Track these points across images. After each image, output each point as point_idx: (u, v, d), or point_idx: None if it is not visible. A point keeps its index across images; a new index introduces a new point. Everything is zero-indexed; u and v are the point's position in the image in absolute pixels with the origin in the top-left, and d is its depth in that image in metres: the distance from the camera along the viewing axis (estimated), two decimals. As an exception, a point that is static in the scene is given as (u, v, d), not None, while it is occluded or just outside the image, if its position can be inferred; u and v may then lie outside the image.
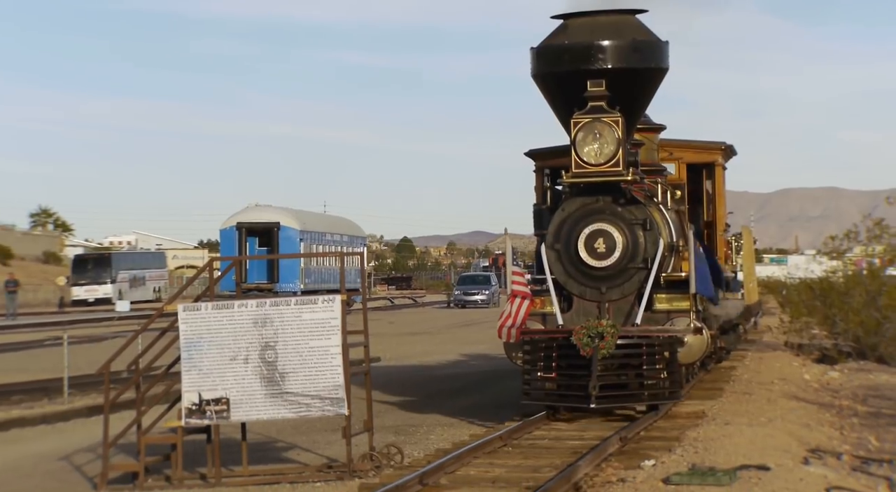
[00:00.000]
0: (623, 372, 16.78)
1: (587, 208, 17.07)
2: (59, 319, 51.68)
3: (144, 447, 14.01)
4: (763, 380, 22.14)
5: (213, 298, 14.68)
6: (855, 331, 29.18)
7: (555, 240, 17.14)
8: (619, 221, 16.85)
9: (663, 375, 16.42)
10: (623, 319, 16.76)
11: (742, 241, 28.61)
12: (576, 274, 17.03)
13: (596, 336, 15.97)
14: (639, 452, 13.93)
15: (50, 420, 20.27)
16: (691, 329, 16.62)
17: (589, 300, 17.01)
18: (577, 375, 16.28)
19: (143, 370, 14.73)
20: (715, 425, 15.79)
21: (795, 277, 54.05)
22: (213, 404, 13.69)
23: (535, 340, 16.73)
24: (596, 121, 16.53)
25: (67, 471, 15.13)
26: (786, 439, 14.64)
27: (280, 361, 13.66)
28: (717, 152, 23.55)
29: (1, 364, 26.56)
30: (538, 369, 16.60)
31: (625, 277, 16.93)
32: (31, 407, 21.63)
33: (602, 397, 15.96)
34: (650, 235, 16.90)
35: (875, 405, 19.34)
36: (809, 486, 11.64)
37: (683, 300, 16.90)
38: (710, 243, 22.66)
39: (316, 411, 13.73)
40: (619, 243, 16.72)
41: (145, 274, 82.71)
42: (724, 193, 24.04)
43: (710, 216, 23.50)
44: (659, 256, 16.81)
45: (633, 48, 16.73)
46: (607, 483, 12.17)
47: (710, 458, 12.97)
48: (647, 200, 17.56)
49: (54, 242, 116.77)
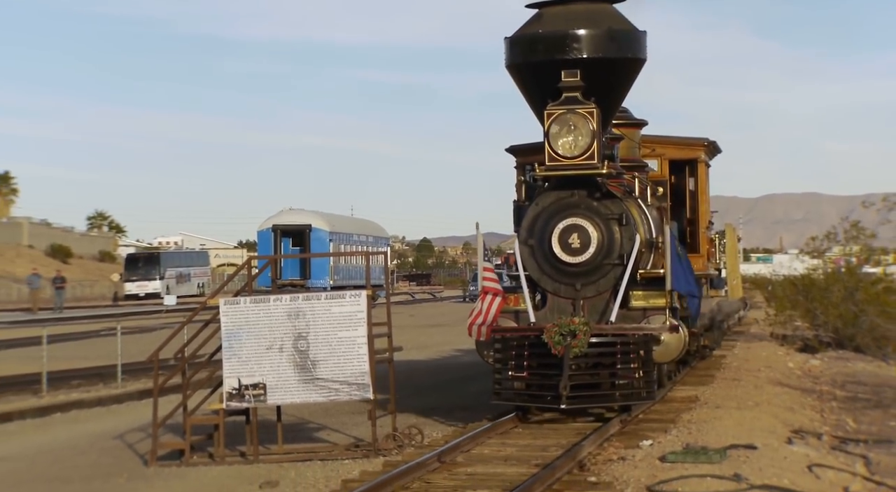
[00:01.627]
0: (596, 371, 14.92)
1: (562, 203, 15.22)
2: (113, 312, 51.82)
3: (190, 427, 14.05)
4: (750, 368, 22.08)
5: (250, 293, 14.72)
6: (834, 323, 29.23)
7: (528, 235, 15.32)
8: (595, 215, 15.04)
9: (638, 374, 14.54)
10: (598, 316, 14.93)
11: (726, 239, 26.33)
12: (550, 270, 15.21)
13: (568, 334, 14.15)
14: (637, 433, 13.89)
15: (105, 403, 20.38)
16: (667, 327, 14.74)
17: (563, 297, 15.18)
18: (548, 374, 14.40)
19: (188, 358, 14.79)
20: (707, 408, 15.75)
21: (780, 274, 53.98)
22: (252, 388, 13.72)
23: (505, 338, 14.89)
24: (570, 112, 14.71)
25: (121, 448, 15.18)
26: (771, 421, 14.61)
27: (311, 350, 13.68)
28: (699, 149, 21.20)
29: (62, 352, 26.63)
30: (509, 369, 14.77)
31: (600, 274, 15.09)
32: (88, 391, 21.76)
33: (573, 397, 14.18)
34: (626, 230, 15.05)
35: (852, 390, 19.32)
36: (793, 464, 11.60)
37: (660, 297, 15.00)
38: (693, 241, 20.73)
39: (344, 395, 13.75)
40: (593, 239, 14.94)
41: (190, 271, 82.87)
42: (707, 189, 21.61)
43: (692, 213, 21.11)
44: (635, 252, 14.95)
45: (610, 37, 14.83)
46: (609, 461, 12.15)
47: (703, 438, 12.94)
48: (625, 194, 15.80)
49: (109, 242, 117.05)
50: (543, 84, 14.95)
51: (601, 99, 14.85)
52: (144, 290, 75.53)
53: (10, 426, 18.06)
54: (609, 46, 14.83)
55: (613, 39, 14.83)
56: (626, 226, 15.04)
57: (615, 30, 14.89)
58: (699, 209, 21.06)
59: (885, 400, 17.85)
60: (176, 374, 14.95)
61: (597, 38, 14.77)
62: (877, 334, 27.54)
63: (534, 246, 15.25)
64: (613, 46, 14.86)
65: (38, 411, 19.23)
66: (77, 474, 13.39)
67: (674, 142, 20.98)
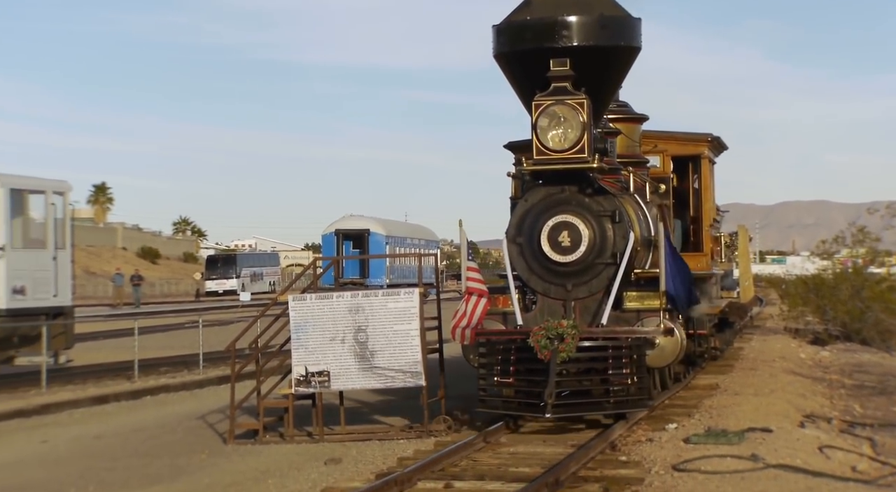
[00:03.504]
0: (586, 377, 12.69)
1: (551, 199, 12.94)
2: (195, 307, 52.14)
3: (263, 410, 14.08)
4: (766, 358, 21.91)
5: (316, 291, 14.74)
6: (842, 318, 29.11)
7: (517, 233, 13.06)
8: (586, 212, 12.76)
9: (630, 380, 12.37)
10: (590, 318, 12.76)
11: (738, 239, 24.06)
12: (539, 270, 12.94)
13: (555, 338, 12.07)
14: (664, 417, 13.75)
15: (189, 387, 20.46)
16: (661, 330, 12.49)
17: (554, 298, 12.93)
18: (535, 380, 12.26)
19: (261, 348, 14.83)
20: (726, 395, 15.61)
21: (793, 274, 53.48)
22: (317, 375, 13.72)
23: (491, 342, 12.76)
24: (559, 103, 12.43)
25: (202, 428, 15.24)
26: (785, 407, 14.45)
27: (370, 341, 13.66)
28: (703, 144, 18.48)
29: (151, 343, 26.85)
30: (494, 374, 12.67)
31: (592, 274, 12.81)
32: (174, 377, 21.89)
33: (560, 405, 12.10)
34: (620, 227, 12.76)
35: (859, 379, 19.12)
36: (805, 445, 11.46)
37: (656, 299, 12.77)
38: (696, 239, 18.27)
39: (399, 382, 13.72)
40: (585, 237, 12.65)
41: (263, 271, 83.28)
42: (711, 186, 18.97)
43: (696, 211, 18.51)
44: (629, 250, 12.73)
45: (601, 25, 12.52)
46: (638, 442, 12.06)
47: (723, 422, 12.82)
48: (621, 191, 13.65)
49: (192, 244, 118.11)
50: (532, 74, 12.74)
51: (592, 89, 12.64)
52: (223, 287, 75.97)
53: (108, 407, 18.22)
54: (601, 34, 12.58)
55: (605, 26, 12.58)
56: (620, 223, 12.82)
57: (607, 16, 12.65)
58: (703, 207, 18.56)
59: (889, 388, 17.66)
60: (250, 362, 15.00)
61: (588, 25, 12.53)
62: (881, 328, 27.43)
63: (522, 244, 13.07)
64: (605, 34, 12.61)
65: (130, 395, 19.38)
66: (165, 450, 13.46)
67: (676, 138, 18.50)
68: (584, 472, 10.52)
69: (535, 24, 12.57)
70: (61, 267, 22.40)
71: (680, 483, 9.85)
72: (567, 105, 12.48)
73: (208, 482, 11.28)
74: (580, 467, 10.58)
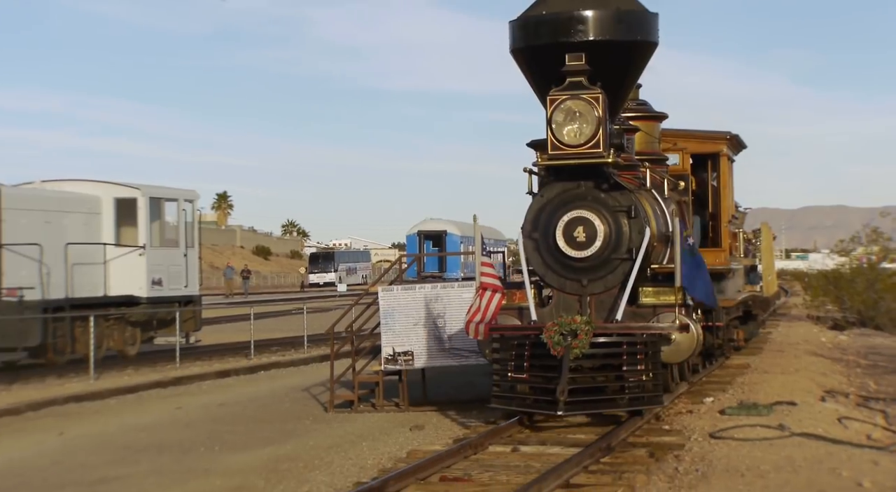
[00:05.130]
0: (600, 373, 10.78)
1: (567, 194, 11.15)
2: (300, 296, 52.67)
3: (357, 384, 14.14)
4: (791, 342, 21.51)
5: (401, 283, 14.78)
6: (858, 307, 28.81)
7: (532, 228, 11.29)
8: (602, 207, 10.98)
9: (645, 376, 10.48)
10: (605, 314, 10.91)
11: (761, 237, 21.72)
12: (555, 265, 11.14)
13: (569, 334, 10.23)
14: (702, 392, 13.51)
15: (295, 364, 20.61)
16: (676, 326, 10.63)
17: (569, 294, 11.12)
18: (549, 376, 10.32)
19: (355, 332, 14.93)
20: (756, 373, 15.32)
21: (814, 269, 52.52)
22: (403, 355, 13.74)
23: (505, 338, 10.83)
24: (574, 98, 10.57)
25: (307, 398, 15.33)
26: (808, 384, 14.14)
27: (447, 326, 13.63)
28: (722, 142, 16.41)
29: (265, 326, 27.18)
30: (508, 369, 10.69)
31: (608, 269, 10.99)
32: (283, 355, 22.08)
33: (573, 402, 10.22)
34: (636, 223, 10.93)
35: (873, 360, 18.69)
36: (825, 416, 11.20)
37: (672, 294, 10.88)
38: (715, 235, 16.33)
39: (472, 360, 13.66)
40: (600, 232, 10.87)
41: (356, 266, 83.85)
42: (730, 184, 16.83)
43: (714, 208, 16.50)
44: (645, 245, 10.87)
45: (617, 19, 10.65)
46: (679, 414, 11.87)
47: (754, 396, 12.58)
48: (638, 186, 11.76)
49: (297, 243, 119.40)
50: (548, 69, 10.89)
51: (608, 84, 10.79)
52: (323, 280, 76.64)
53: (229, 380, 18.45)
54: (617, 28, 10.72)
55: (621, 21, 10.71)
56: (636, 219, 10.98)
57: (623, 11, 10.76)
58: (721, 204, 16.50)
59: (900, 367, 17.22)
60: (346, 343, 15.08)
61: (603, 19, 10.66)
62: (893, 316, 27.14)
63: (538, 240, 11.27)
64: (621, 28, 10.74)
65: (247, 370, 19.60)
66: (276, 417, 13.57)
67: (696, 136, 16.30)
68: (633, 439, 10.38)
69: (550, 18, 10.79)
70: (190, 263, 22.82)
71: (716, 449, 9.69)
72: (582, 100, 10.63)
73: (312, 444, 11.36)
74: (629, 435, 10.44)
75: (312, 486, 9.18)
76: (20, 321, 18.76)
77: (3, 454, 11.32)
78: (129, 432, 12.60)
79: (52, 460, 10.88)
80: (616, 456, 9.53)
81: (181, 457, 10.83)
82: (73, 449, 11.50)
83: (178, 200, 22.61)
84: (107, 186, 21.68)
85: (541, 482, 8.17)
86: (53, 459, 10.92)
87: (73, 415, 14.37)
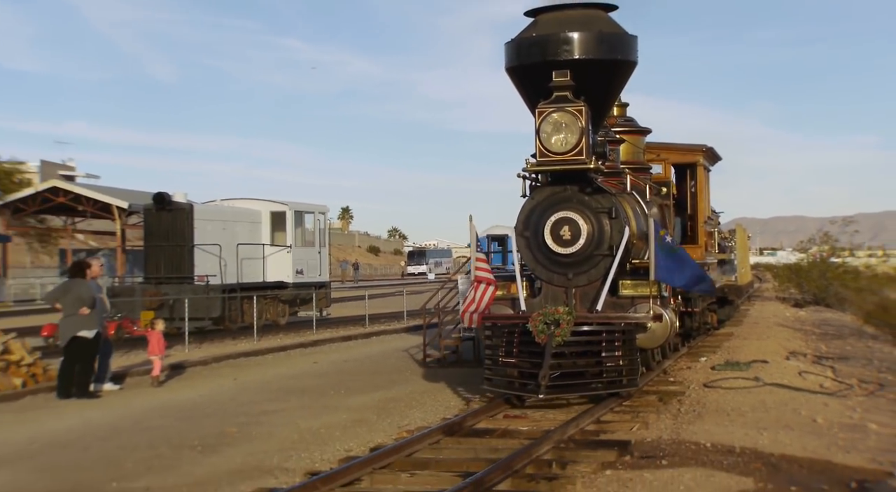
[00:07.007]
0: (581, 359, 9.07)
1: (555, 197, 9.59)
2: (400, 283, 52.97)
3: (443, 346, 14.07)
4: (764, 316, 20.93)
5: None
6: (813, 290, 28.44)
7: (524, 227, 9.77)
8: (585, 209, 9.44)
9: (622, 362, 8.93)
10: (589, 304, 9.33)
11: (736, 236, 20.18)
12: (543, 260, 9.54)
13: (552, 323, 8.78)
14: (697, 353, 13.21)
15: (398, 332, 20.55)
16: (650, 316, 9.08)
17: (556, 286, 9.51)
18: (535, 362, 8.91)
19: (440, 308, 14.93)
20: (738, 339, 14.93)
21: (781, 262, 51.29)
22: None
23: (496, 326, 9.35)
24: (560, 110, 9.15)
25: (406, 357, 15.28)
26: (776, 347, 13.74)
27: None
28: (699, 154, 14.87)
29: (377, 304, 27.46)
30: (499, 355, 9.20)
31: (591, 264, 9.40)
32: (389, 325, 22.07)
33: (553, 386, 8.74)
34: (616, 223, 9.37)
35: (824, 329, 18.09)
36: (789, 371, 10.91)
37: (647, 287, 9.24)
38: (693, 234, 14.76)
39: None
40: (584, 231, 9.37)
41: (442, 260, 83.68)
42: (705, 189, 15.21)
43: (692, 210, 15.01)
44: (624, 243, 9.30)
45: (599, 40, 9.20)
46: (681, 369, 11.63)
47: (736, 356, 12.29)
48: (620, 191, 10.20)
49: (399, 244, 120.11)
50: (538, 85, 9.41)
51: (592, 98, 9.32)
52: (418, 270, 76.62)
53: (350, 343, 18.52)
54: (599, 48, 9.28)
55: (603, 41, 9.28)
56: (616, 219, 9.43)
57: (605, 33, 9.32)
58: (698, 207, 14.97)
59: (843, 334, 16.66)
60: (435, 316, 15.11)
61: (587, 40, 9.23)
62: (839, 297, 26.65)
63: (529, 238, 9.73)
64: (603, 48, 9.29)
65: (363, 336, 19.58)
66: (384, 369, 13.57)
67: (676, 148, 14.81)
68: (646, 388, 10.20)
69: (540, 40, 9.39)
70: (323, 258, 23.30)
71: (708, 395, 9.52)
72: (567, 112, 9.22)
73: (411, 390, 11.40)
74: (643, 384, 10.30)
75: (411, 419, 9.22)
76: (206, 299, 19.37)
77: (199, 391, 11.66)
78: (281, 379, 12.80)
79: (229, 396, 11.16)
80: (634, 401, 9.42)
81: (318, 397, 10.98)
82: (243, 390, 11.77)
83: (314, 213, 23.09)
84: (265, 202, 22.22)
85: (579, 419, 8.19)
86: (230, 396, 11.20)
87: (243, 366, 14.69)
